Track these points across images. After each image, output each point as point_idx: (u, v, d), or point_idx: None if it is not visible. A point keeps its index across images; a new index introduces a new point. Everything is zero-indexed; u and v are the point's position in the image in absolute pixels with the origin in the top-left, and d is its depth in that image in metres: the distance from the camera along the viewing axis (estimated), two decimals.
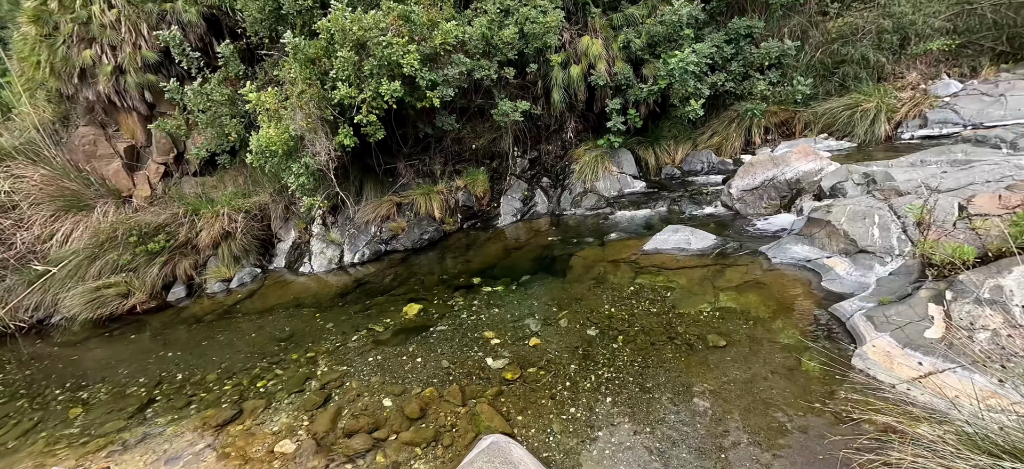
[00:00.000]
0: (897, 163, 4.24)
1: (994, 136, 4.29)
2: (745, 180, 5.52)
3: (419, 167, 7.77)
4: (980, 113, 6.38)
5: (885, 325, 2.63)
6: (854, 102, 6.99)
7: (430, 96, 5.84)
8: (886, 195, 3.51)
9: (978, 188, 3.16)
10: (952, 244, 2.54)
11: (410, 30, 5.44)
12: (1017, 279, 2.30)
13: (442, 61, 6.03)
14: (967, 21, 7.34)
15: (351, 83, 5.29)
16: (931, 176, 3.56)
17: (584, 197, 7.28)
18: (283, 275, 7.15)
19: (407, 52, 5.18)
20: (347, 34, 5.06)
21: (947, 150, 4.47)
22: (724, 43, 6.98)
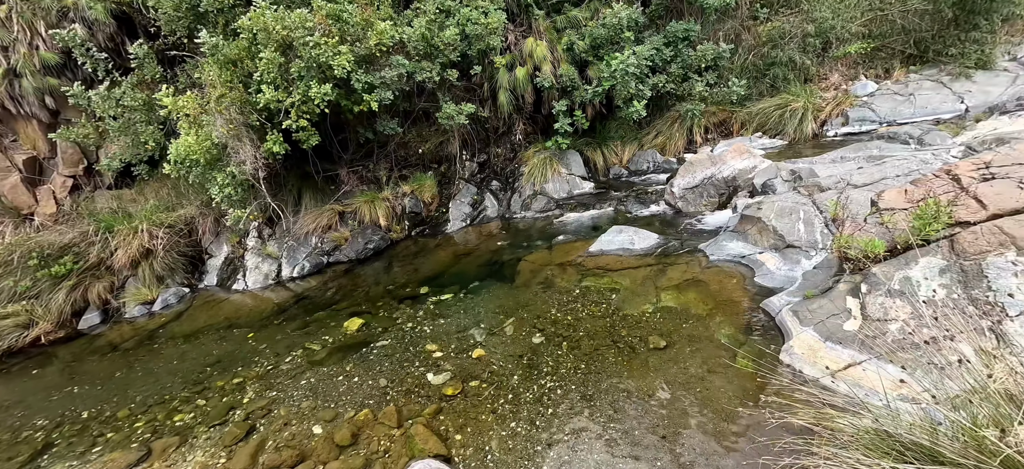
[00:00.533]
0: (820, 160, 4.47)
1: (904, 133, 4.61)
2: (686, 179, 5.65)
3: (363, 174, 7.44)
4: (893, 111, 6.90)
5: (809, 319, 2.72)
6: (784, 102, 7.37)
7: (367, 100, 5.58)
8: (810, 191, 3.68)
9: (889, 182, 3.36)
10: (864, 239, 2.67)
11: (342, 30, 5.16)
12: (923, 270, 2.43)
13: (379, 63, 5.78)
14: (880, 26, 7.93)
15: (278, 86, 4.94)
16: (849, 172, 3.77)
17: (534, 200, 7.23)
18: (214, 294, 6.62)
19: (338, 53, 4.90)
20: (271, 34, 4.72)
21: (864, 146, 4.77)
22: (663, 45, 7.16)
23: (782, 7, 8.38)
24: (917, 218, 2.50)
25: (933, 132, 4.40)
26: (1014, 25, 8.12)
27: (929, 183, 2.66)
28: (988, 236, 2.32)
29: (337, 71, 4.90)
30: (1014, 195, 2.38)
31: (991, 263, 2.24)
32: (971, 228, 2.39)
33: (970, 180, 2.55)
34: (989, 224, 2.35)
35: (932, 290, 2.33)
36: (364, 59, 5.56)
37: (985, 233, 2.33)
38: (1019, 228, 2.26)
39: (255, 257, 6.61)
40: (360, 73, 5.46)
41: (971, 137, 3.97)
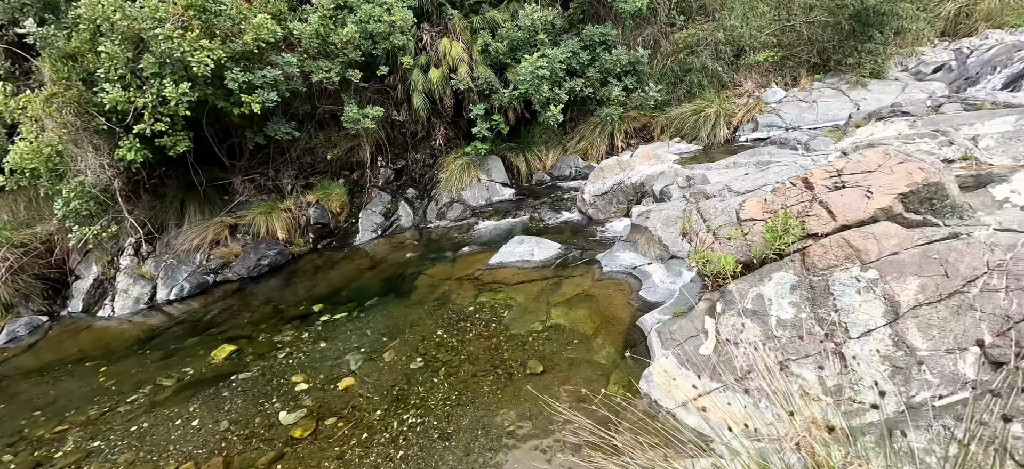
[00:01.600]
0: (716, 166, 4.43)
1: (793, 138, 4.66)
2: (596, 185, 5.50)
3: (262, 182, 6.79)
4: (798, 117, 7.12)
5: (670, 341, 2.53)
6: (699, 108, 7.45)
7: (247, 101, 5.01)
8: (696, 198, 3.58)
9: (767, 189, 3.32)
10: (718, 254, 2.53)
11: (207, 23, 4.59)
12: (775, 287, 2.30)
13: (263, 61, 5.24)
14: (788, 36, 8.23)
15: (128, 85, 4.30)
16: (735, 178, 3.71)
17: (450, 208, 6.87)
18: (77, 322, 5.75)
19: (199, 48, 4.33)
20: (114, 25, 4.08)
21: (757, 152, 4.79)
22: (580, 49, 7.03)
23: (699, 15, 8.54)
24: (769, 231, 2.37)
25: (819, 138, 4.48)
26: (904, 38, 8.68)
27: (786, 192, 2.56)
28: (835, 249, 2.21)
29: (197, 68, 4.32)
30: (860, 205, 2.30)
31: (837, 279, 2.13)
32: (821, 241, 2.29)
33: (822, 188, 2.47)
34: (837, 236, 2.25)
35: (783, 309, 2.19)
36: (241, 56, 5.00)
37: (833, 246, 2.23)
38: (863, 241, 2.16)
39: (127, 279, 5.82)
40: (236, 72, 4.90)
41: (850, 143, 4.05)
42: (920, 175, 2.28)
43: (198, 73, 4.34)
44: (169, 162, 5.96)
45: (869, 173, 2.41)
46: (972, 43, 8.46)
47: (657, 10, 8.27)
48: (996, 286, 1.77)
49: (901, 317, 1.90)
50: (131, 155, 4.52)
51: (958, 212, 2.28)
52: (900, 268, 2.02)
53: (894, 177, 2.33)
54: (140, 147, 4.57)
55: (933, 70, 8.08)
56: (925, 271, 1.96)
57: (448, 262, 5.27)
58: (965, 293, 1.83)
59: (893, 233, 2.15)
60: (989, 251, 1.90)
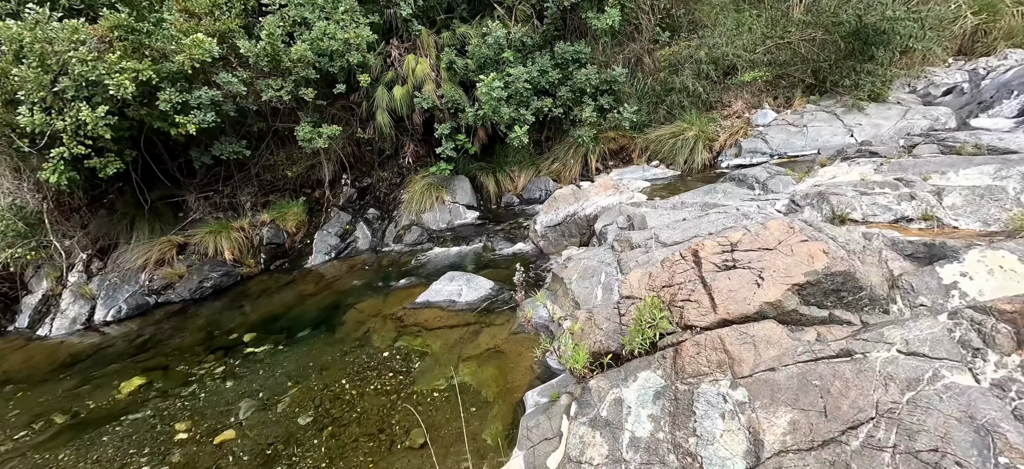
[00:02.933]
0: (663, 205, 3.99)
1: (751, 176, 4.16)
2: (549, 215, 5.12)
3: (218, 200, 6.64)
4: (785, 143, 6.59)
5: (526, 439, 2.12)
6: (678, 130, 6.99)
7: (182, 122, 4.83)
8: (622, 247, 3.16)
9: (698, 240, 2.88)
10: (575, 342, 2.11)
11: (136, 43, 4.43)
12: (639, 390, 1.86)
13: (204, 79, 5.06)
14: (783, 54, 7.69)
15: (49, 108, 4.16)
16: (671, 223, 3.27)
17: (408, 231, 6.58)
18: (17, 339, 5.67)
19: (120, 71, 4.16)
20: (31, 48, 3.95)
21: (713, 189, 4.30)
22: (551, 67, 6.67)
23: (685, 31, 8.08)
24: (635, 321, 1.96)
25: (779, 176, 3.96)
26: (912, 57, 8.01)
27: (674, 266, 2.13)
28: (709, 352, 1.78)
29: (113, 90, 4.14)
30: (747, 294, 1.86)
31: (703, 394, 1.70)
32: (696, 337, 1.86)
33: (710, 266, 2.03)
34: (714, 334, 1.82)
35: (640, 423, 1.77)
36: (177, 76, 4.83)
37: (707, 347, 1.79)
38: (740, 346, 1.72)
39: (70, 297, 5.72)
40: (171, 92, 4.73)
41: (809, 186, 3.53)
42: (822, 261, 1.84)
43: (119, 96, 4.17)
44: (116, 179, 5.87)
45: (766, 251, 1.97)
46: (989, 63, 7.72)
47: (642, 27, 7.86)
48: (882, 442, 1.33)
49: (762, 464, 1.46)
50: (53, 177, 4.38)
51: (881, 305, 1.83)
52: (773, 392, 1.58)
53: (792, 260, 1.89)
54: (64, 169, 4.43)
55: (943, 92, 7.41)
56: (801, 401, 1.52)
57: (382, 296, 4.96)
58: (843, 444, 1.39)
59: (776, 340, 1.72)
60: (883, 386, 1.45)
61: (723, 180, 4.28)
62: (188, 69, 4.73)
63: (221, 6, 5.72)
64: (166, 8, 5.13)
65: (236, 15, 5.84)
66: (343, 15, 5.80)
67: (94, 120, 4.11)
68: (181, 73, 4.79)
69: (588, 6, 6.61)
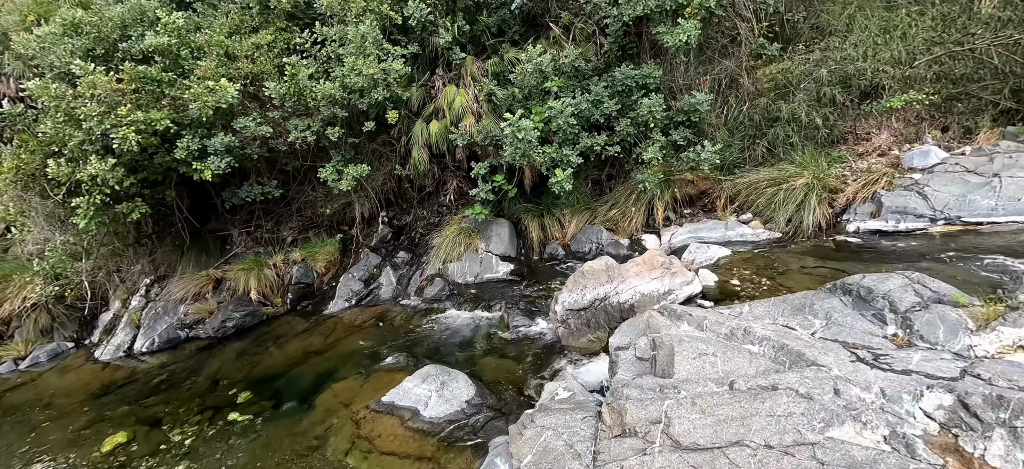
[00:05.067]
0: (712, 325, 2.48)
1: (885, 294, 2.35)
2: (573, 295, 3.92)
3: (261, 235, 6.68)
4: (960, 201, 4.42)
5: None
6: (781, 175, 5.19)
7: (200, 168, 4.74)
8: (613, 419, 1.88)
9: (733, 458, 1.50)
10: None
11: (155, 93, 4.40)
12: None
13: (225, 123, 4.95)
14: (959, 67, 5.36)
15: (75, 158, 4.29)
16: (706, 389, 1.88)
17: (431, 283, 5.86)
18: (81, 355, 6.20)
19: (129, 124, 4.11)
20: (55, 105, 4.07)
21: (806, 307, 2.56)
22: (607, 97, 5.43)
23: (805, 41, 6.13)
24: None
25: (939, 311, 2.15)
26: None
27: None
28: None
29: (118, 143, 4.10)
30: None
31: None
32: None
33: None
34: None
35: None
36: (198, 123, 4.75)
37: None
38: None
39: (124, 322, 6.10)
40: (189, 139, 4.65)
41: (1011, 343, 1.81)
42: None
43: (124, 149, 4.14)
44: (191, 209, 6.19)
45: None
46: None
47: (738, 37, 6.16)
48: None
49: None
50: (83, 223, 4.53)
51: None
52: None
53: None
54: (93, 215, 4.57)
55: None
56: None
57: (364, 376, 4.24)
58: None
59: None
60: None
61: (833, 292, 2.59)
62: (203, 117, 4.60)
63: (261, 47, 5.66)
64: (208, 54, 5.14)
65: (277, 55, 5.75)
66: (371, 48, 5.32)
67: (103, 172, 4.12)
68: (200, 120, 4.69)
69: (660, 18, 5.24)
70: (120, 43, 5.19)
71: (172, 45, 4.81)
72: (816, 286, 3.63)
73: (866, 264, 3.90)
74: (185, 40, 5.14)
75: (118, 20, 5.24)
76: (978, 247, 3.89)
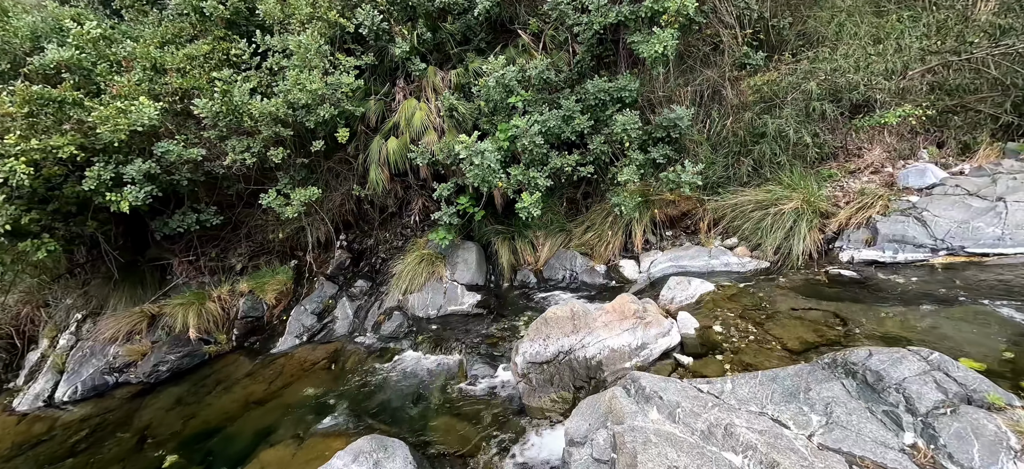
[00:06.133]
0: (684, 408, 2.01)
1: (897, 382, 1.86)
2: (535, 346, 3.43)
3: (204, 264, 6.08)
4: (964, 229, 4.01)
5: None
6: (769, 197, 4.75)
7: (114, 199, 4.15)
8: None
9: None
10: None
11: (57, 116, 3.82)
12: None
13: (145, 147, 4.37)
14: (955, 77, 4.98)
15: None
16: None
17: (389, 317, 5.33)
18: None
19: (22, 153, 3.53)
20: None
21: (799, 391, 2.08)
22: (578, 112, 4.95)
23: (791, 49, 5.72)
24: None
25: (967, 414, 1.66)
26: None
27: None
28: None
29: (6, 177, 3.52)
30: None
31: None
32: None
33: None
34: None
35: None
36: (112, 147, 4.17)
37: None
38: None
39: (47, 365, 5.47)
40: (99, 167, 4.06)
41: None
42: None
43: (12, 182, 3.55)
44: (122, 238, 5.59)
45: None
46: None
47: (721, 45, 5.73)
48: None
49: None
50: None
51: None
52: None
53: None
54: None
55: None
56: None
57: (297, 443, 3.70)
58: None
59: None
60: None
61: (832, 371, 2.10)
62: (116, 141, 4.02)
63: (195, 59, 5.08)
64: (128, 68, 4.55)
65: (214, 67, 5.17)
66: (315, 60, 4.77)
67: None
68: (113, 145, 4.11)
69: (635, 26, 4.78)
70: (29, 57, 4.58)
71: (82, 59, 4.22)
72: (810, 336, 3.20)
73: (864, 306, 3.48)
74: (102, 53, 4.54)
75: (27, 31, 4.62)
76: (986, 285, 3.49)
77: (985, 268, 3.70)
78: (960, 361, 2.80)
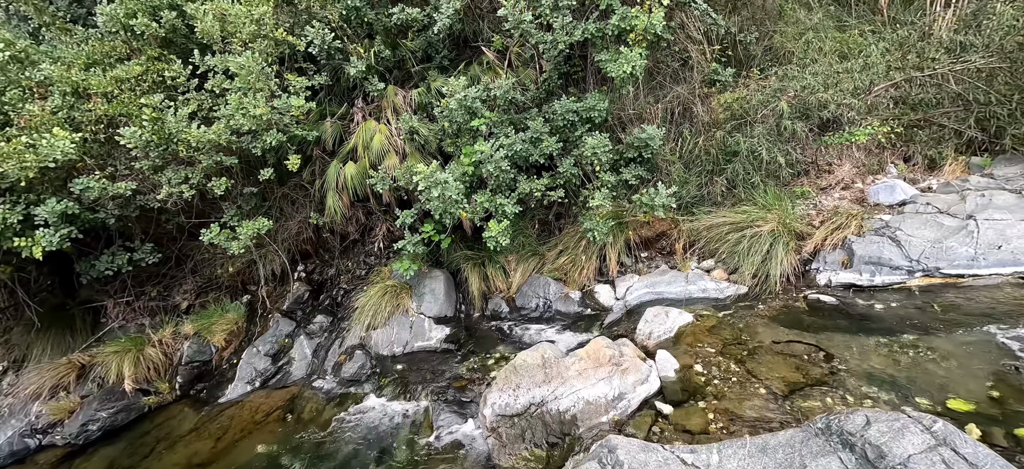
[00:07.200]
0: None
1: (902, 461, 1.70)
2: (504, 397, 3.13)
3: (143, 304, 5.52)
4: (938, 249, 3.95)
5: None
6: (745, 219, 4.62)
7: (24, 244, 3.64)
8: None
9: None
10: None
11: None
12: None
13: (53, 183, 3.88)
14: (920, 93, 4.99)
15: None
16: None
17: (351, 357, 4.94)
18: None
19: None
20: None
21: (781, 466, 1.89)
22: (546, 134, 4.71)
23: (759, 64, 5.67)
24: None
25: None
26: None
27: None
28: None
29: None
30: None
31: None
32: None
33: None
34: None
35: None
36: (16, 186, 3.66)
37: None
38: None
39: None
40: (5, 210, 3.55)
41: None
42: None
43: None
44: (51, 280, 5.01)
45: None
46: None
47: (690, 61, 5.62)
48: None
49: None
50: None
51: None
52: None
53: None
54: None
55: None
56: None
57: None
58: None
59: None
60: None
61: (827, 441, 1.86)
62: (22, 180, 3.53)
63: (126, 81, 4.59)
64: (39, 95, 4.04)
65: (149, 90, 4.69)
66: (258, 82, 4.37)
67: None
68: (19, 184, 3.60)
69: (602, 45, 4.58)
70: None
71: None
72: (794, 375, 3.03)
73: (846, 336, 3.35)
74: (12, 77, 4.03)
75: None
76: (964, 309, 3.42)
77: (961, 290, 3.64)
78: (949, 402, 2.68)
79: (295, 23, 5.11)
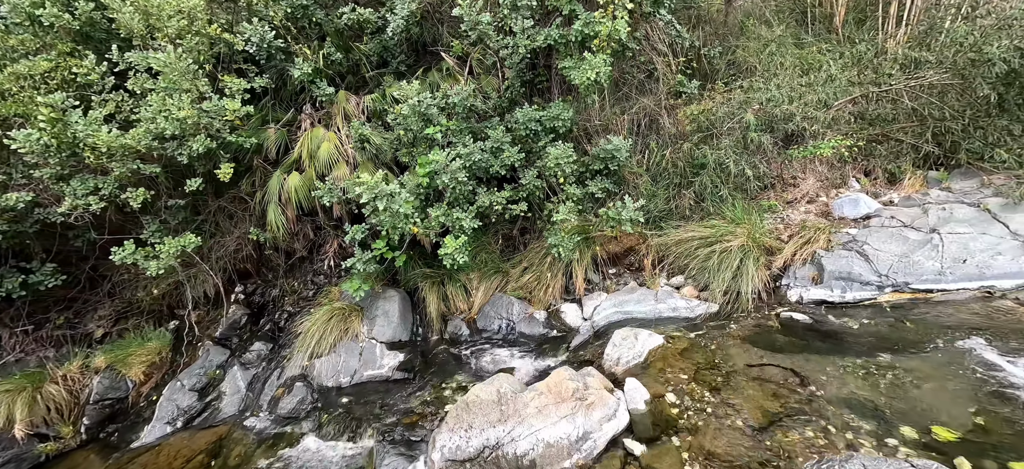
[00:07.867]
0: None
1: None
2: (455, 438, 2.73)
3: (47, 333, 4.80)
4: (905, 263, 3.87)
5: None
6: (714, 233, 4.44)
7: None
8: None
9: None
10: None
11: None
12: None
13: None
14: (880, 108, 5.03)
15: None
16: None
17: (289, 390, 4.40)
18: None
19: None
20: None
21: None
22: (507, 144, 4.42)
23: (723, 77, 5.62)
24: None
25: None
26: None
27: None
28: None
29: None
30: None
31: None
32: None
33: None
34: None
35: None
36: None
37: None
38: None
39: None
40: None
41: None
42: None
43: None
44: None
45: None
46: None
47: (655, 72, 5.50)
48: None
49: None
50: None
51: None
52: None
53: None
54: None
55: None
56: None
57: None
58: None
59: None
60: None
61: None
62: None
63: (29, 79, 4.00)
64: None
65: (57, 88, 4.11)
66: (184, 82, 3.88)
67: None
68: None
69: (566, 51, 4.36)
70: None
71: None
72: (771, 404, 2.78)
73: (821, 358, 3.15)
74: None
75: None
76: (937, 325, 3.30)
77: (932, 305, 3.55)
78: (933, 429, 2.49)
79: (234, 20, 4.66)
